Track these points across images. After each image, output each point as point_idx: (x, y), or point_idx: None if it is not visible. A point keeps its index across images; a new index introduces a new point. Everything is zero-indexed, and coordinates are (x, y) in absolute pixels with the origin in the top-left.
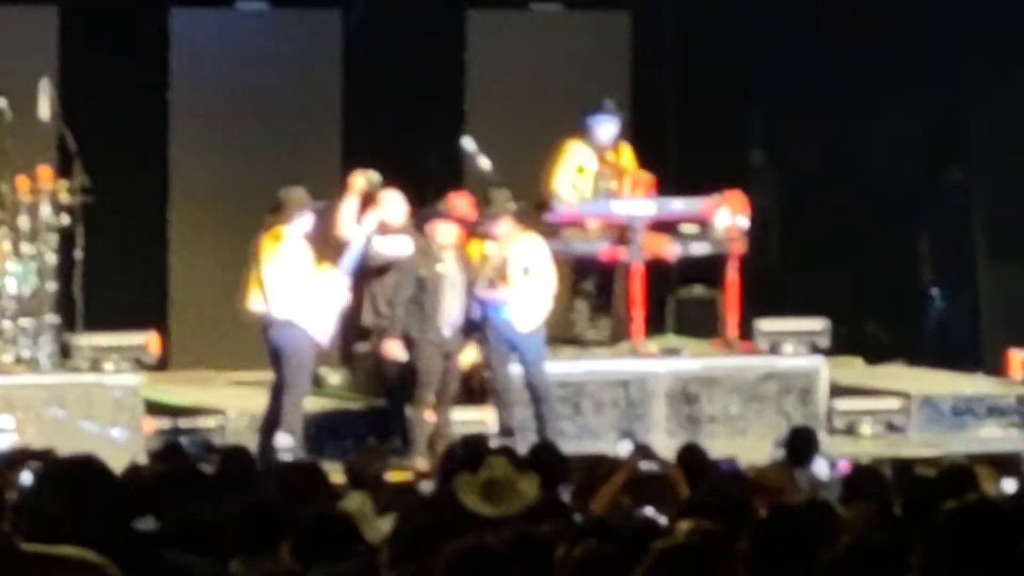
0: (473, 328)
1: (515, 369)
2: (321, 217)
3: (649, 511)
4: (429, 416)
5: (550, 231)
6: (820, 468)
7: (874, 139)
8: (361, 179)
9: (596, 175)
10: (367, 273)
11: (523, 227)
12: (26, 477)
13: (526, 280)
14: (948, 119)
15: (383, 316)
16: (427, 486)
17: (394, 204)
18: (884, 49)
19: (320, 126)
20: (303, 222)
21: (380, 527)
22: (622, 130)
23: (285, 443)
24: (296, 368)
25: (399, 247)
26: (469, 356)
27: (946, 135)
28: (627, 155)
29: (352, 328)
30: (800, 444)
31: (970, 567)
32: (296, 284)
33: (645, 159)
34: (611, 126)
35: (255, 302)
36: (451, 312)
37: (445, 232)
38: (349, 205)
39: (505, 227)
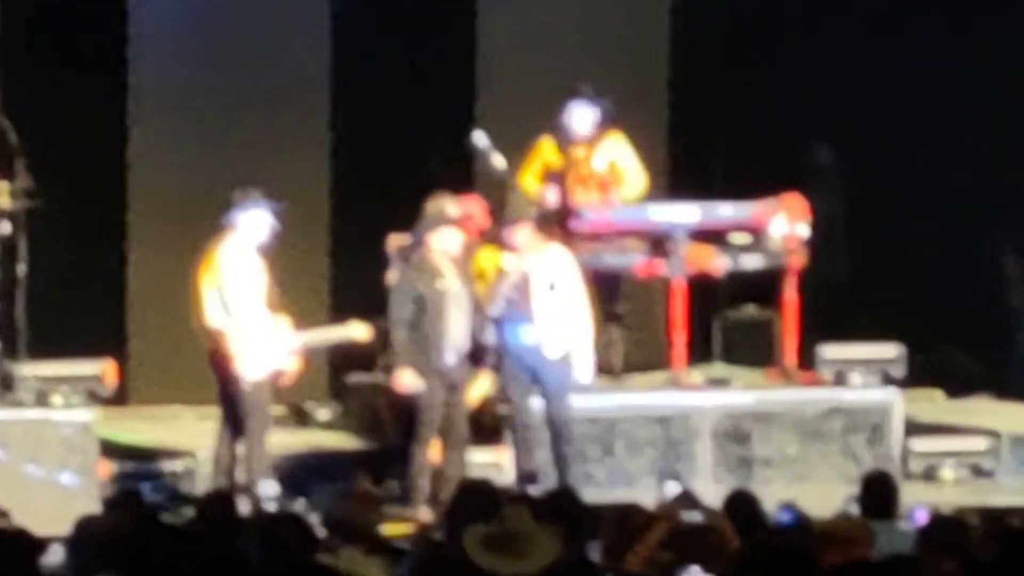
0: (485, 354)
1: (537, 403)
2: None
3: (695, 571)
4: (432, 458)
5: (575, 242)
6: (901, 521)
7: (959, 135)
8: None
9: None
10: None
11: (545, 236)
12: None
13: (551, 298)
14: None
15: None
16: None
17: None
18: (971, 34)
19: (305, 117)
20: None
21: None
22: (607, 117)
23: (269, 491)
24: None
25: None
26: (481, 387)
27: None
28: (613, 147)
29: (342, 357)
30: (877, 492)
31: None
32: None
33: (686, 156)
34: (585, 113)
35: None
36: (456, 336)
37: (447, 240)
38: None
39: (525, 236)
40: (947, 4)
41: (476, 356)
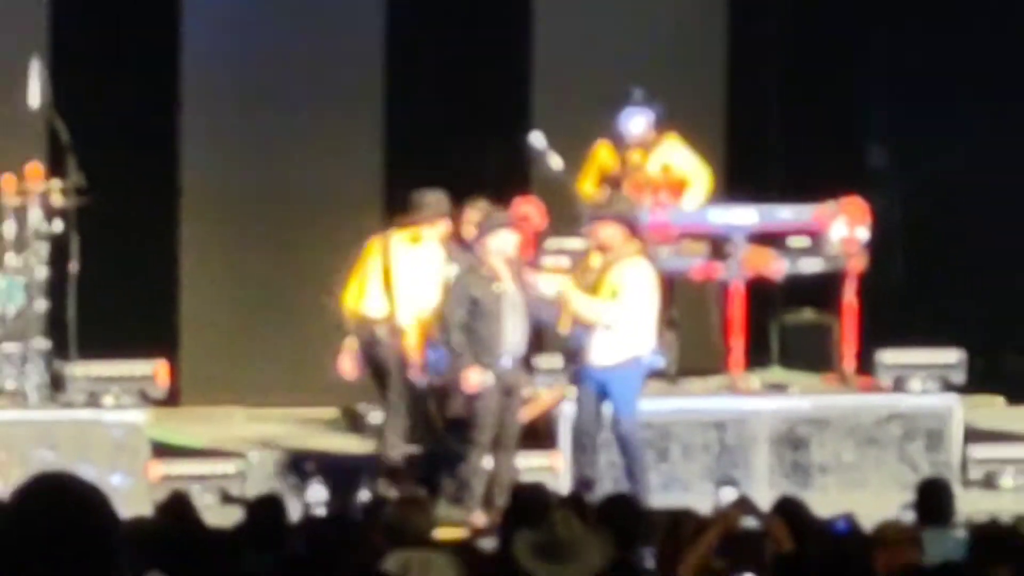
0: (572, 359)
1: (601, 410)
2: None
3: None
4: (486, 462)
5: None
6: (958, 530)
7: (1016, 138)
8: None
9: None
10: None
11: (635, 239)
12: None
13: (616, 304)
14: None
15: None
16: (487, 544)
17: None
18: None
19: (359, 117)
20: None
21: None
22: (661, 119)
23: (317, 496)
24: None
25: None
26: (554, 394)
27: None
28: (670, 150)
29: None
30: (933, 498)
31: None
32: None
33: (744, 158)
34: (639, 118)
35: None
36: (511, 339)
37: (504, 242)
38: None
39: (612, 234)
40: (999, 9)
41: (527, 361)
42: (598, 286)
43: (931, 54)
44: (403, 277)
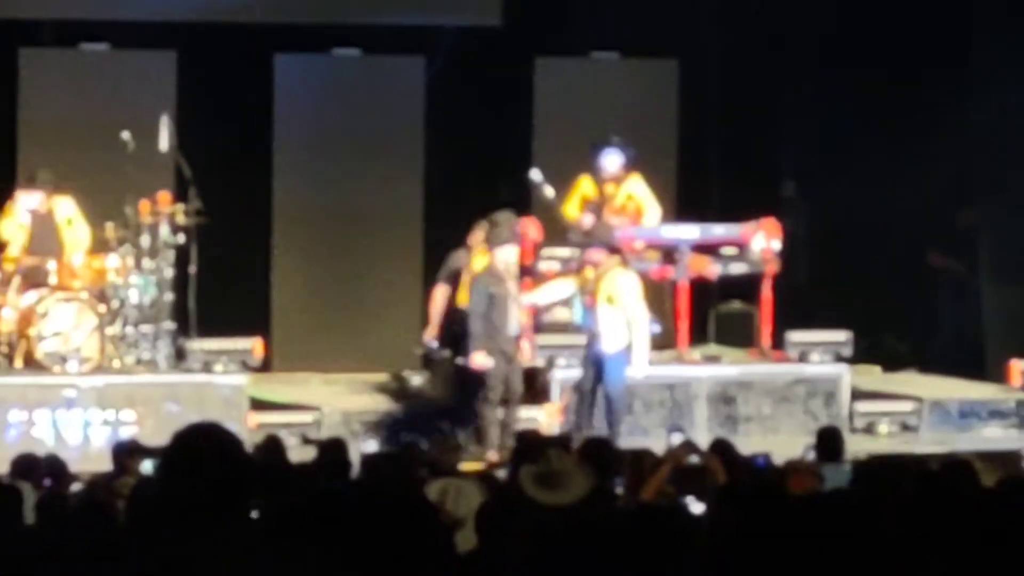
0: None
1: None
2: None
3: (691, 501)
4: (498, 413)
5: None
6: (846, 465)
7: (898, 172)
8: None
9: (591, 205)
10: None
11: (620, 259)
12: (146, 466)
13: (611, 307)
14: (961, 160)
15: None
16: (501, 474)
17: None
18: (907, 91)
19: (404, 158)
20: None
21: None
22: (630, 161)
23: (372, 438)
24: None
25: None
26: (550, 412)
27: (957, 172)
28: (634, 184)
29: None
30: (829, 442)
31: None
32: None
33: (689, 190)
34: (615, 158)
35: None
36: (512, 323)
37: (507, 253)
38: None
39: (598, 254)
40: (882, 71)
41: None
42: (596, 293)
43: (831, 108)
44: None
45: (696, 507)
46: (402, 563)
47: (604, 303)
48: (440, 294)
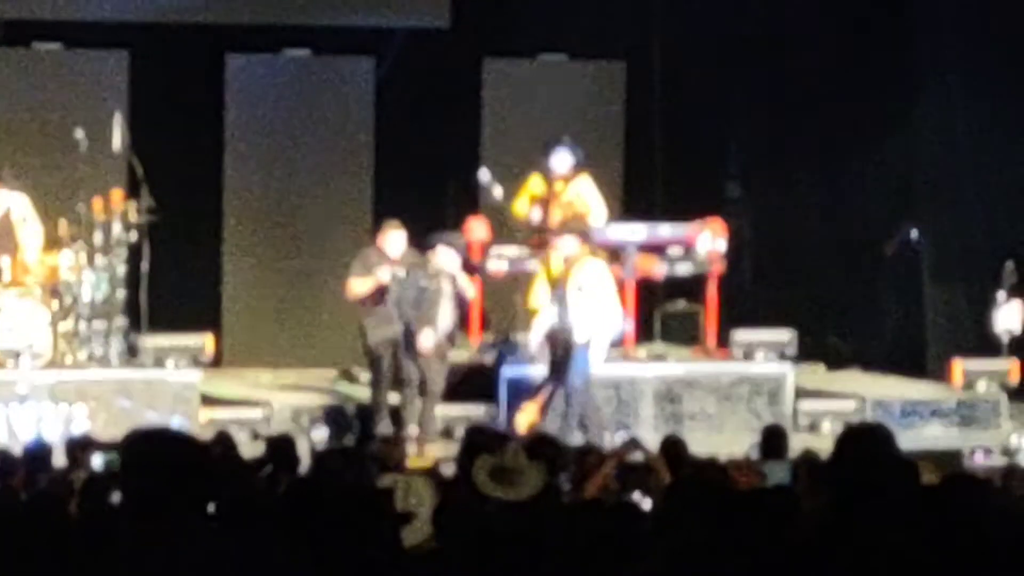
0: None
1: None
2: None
3: (636, 496)
4: (416, 404)
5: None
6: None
7: (838, 175)
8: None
9: (540, 202)
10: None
11: (590, 248)
12: (96, 461)
13: (580, 297)
14: (905, 161)
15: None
16: (447, 470)
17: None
18: (847, 102)
19: (354, 157)
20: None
21: (407, 505)
22: (580, 162)
23: (321, 434)
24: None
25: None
26: (529, 415)
27: (900, 173)
28: (582, 183)
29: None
30: (772, 440)
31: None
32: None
33: (636, 190)
34: (565, 156)
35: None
36: (443, 319)
37: (444, 253)
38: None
39: (572, 245)
40: (828, 74)
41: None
42: (566, 281)
43: (775, 110)
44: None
45: (644, 503)
46: (354, 555)
47: (574, 291)
48: (360, 286)
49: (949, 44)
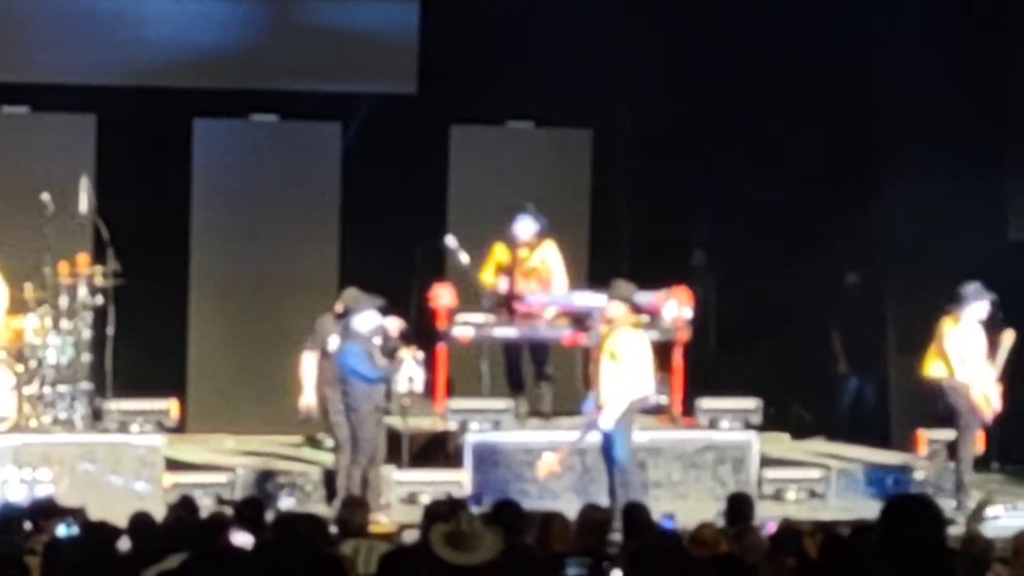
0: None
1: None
2: None
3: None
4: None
5: (519, 319)
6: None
7: (799, 246)
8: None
9: (506, 270)
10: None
11: (636, 319)
12: (60, 529)
13: (611, 364)
14: (868, 232)
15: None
16: (410, 536)
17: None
18: (813, 173)
19: (321, 223)
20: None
21: (368, 569)
22: (543, 228)
23: (286, 500)
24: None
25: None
26: (547, 461)
27: (864, 245)
28: (547, 250)
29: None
30: (738, 507)
31: None
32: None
33: (602, 258)
34: (528, 223)
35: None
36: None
37: (365, 319)
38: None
39: (617, 308)
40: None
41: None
42: (601, 347)
43: (740, 181)
44: None
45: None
46: None
47: (607, 359)
48: (309, 360)
49: (911, 118)
